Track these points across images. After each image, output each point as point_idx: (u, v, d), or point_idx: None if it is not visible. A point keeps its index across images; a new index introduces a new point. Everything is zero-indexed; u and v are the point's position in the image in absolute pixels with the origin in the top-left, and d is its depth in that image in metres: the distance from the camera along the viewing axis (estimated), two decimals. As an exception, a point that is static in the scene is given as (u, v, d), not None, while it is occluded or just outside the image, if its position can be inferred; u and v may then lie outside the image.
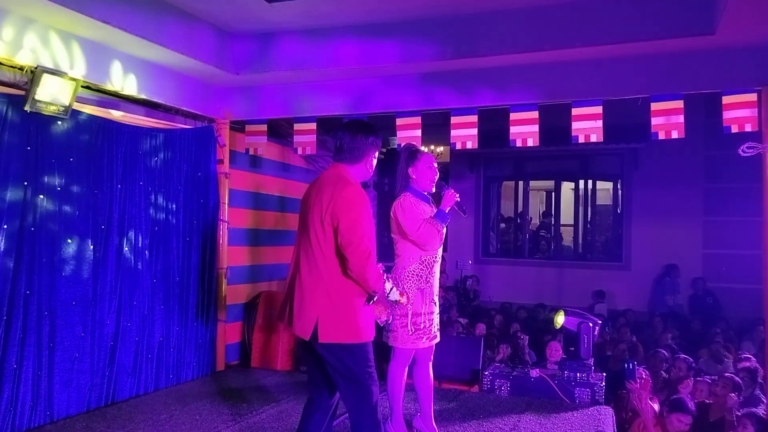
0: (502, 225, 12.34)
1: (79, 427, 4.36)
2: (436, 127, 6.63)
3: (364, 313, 3.12)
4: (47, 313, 4.43)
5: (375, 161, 3.32)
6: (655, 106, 4.94)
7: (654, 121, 4.95)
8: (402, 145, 4.28)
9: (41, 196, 4.39)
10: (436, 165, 3.99)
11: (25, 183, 4.28)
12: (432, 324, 3.92)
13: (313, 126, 6.02)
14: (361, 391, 3.11)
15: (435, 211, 3.94)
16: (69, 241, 4.61)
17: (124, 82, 4.94)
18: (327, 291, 3.06)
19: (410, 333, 3.80)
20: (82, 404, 4.69)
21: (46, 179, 4.43)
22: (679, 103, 4.88)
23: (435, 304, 3.95)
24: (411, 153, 3.98)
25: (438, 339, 4.04)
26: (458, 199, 3.98)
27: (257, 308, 6.80)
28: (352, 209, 3.04)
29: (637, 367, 5.37)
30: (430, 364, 4.10)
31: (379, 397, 3.18)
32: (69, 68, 4.43)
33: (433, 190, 3.99)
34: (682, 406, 4.59)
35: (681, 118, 4.88)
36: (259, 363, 6.59)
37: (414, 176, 3.92)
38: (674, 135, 4.92)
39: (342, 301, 3.06)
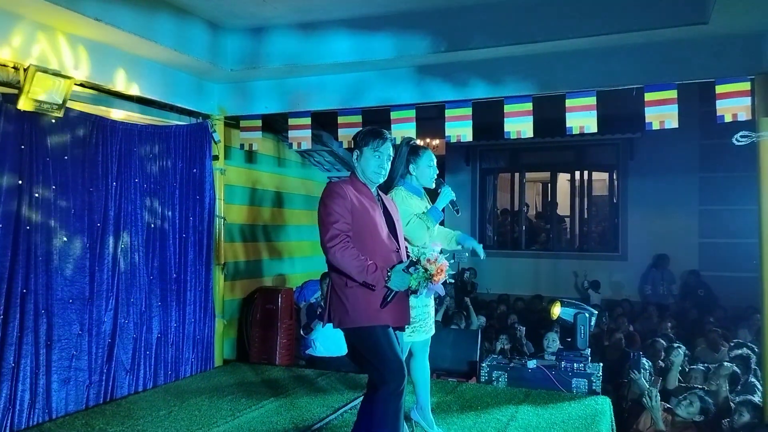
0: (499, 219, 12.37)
1: (78, 424, 4.37)
2: (431, 120, 6.64)
3: (362, 300, 3.22)
4: (44, 312, 4.44)
5: (361, 155, 3.39)
6: (648, 96, 4.95)
7: (648, 111, 4.96)
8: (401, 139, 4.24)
9: (36, 195, 4.38)
10: (435, 162, 4.00)
11: (20, 182, 4.28)
12: (428, 316, 3.93)
13: (307, 121, 6.01)
14: (372, 370, 3.27)
15: (427, 206, 3.95)
16: (65, 239, 4.61)
17: (117, 79, 4.93)
18: (331, 281, 3.36)
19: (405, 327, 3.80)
20: (80, 402, 4.70)
21: (41, 178, 4.42)
22: (673, 93, 4.89)
23: (429, 297, 3.95)
24: (412, 149, 3.98)
25: (433, 331, 4.05)
26: (454, 198, 3.99)
27: (255, 304, 6.82)
28: (320, 206, 3.28)
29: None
30: (427, 356, 4.12)
31: (395, 389, 3.20)
32: (62, 66, 4.42)
33: (433, 186, 4.00)
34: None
35: (675, 108, 4.89)
36: (258, 358, 6.62)
37: (414, 173, 3.94)
38: (669, 125, 4.93)
39: (341, 290, 3.28)
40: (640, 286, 10.39)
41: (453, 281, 3.61)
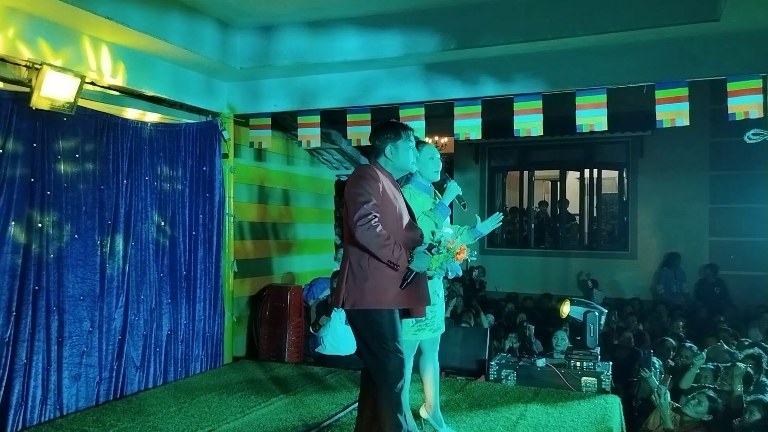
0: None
1: (90, 420, 4.40)
2: (440, 118, 6.63)
3: (381, 282, 3.25)
4: (56, 309, 4.47)
5: (396, 149, 3.46)
6: (659, 93, 4.92)
7: (659, 108, 4.93)
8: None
9: (48, 193, 4.41)
10: (438, 155, 3.98)
11: (32, 180, 4.31)
12: (434, 315, 3.93)
13: (317, 119, 6.02)
14: (373, 358, 3.28)
15: (436, 203, 3.95)
16: (76, 236, 4.63)
17: (127, 77, 4.94)
18: (350, 262, 3.34)
19: (412, 324, 3.81)
20: (91, 398, 4.73)
21: (53, 175, 4.45)
22: (684, 91, 4.86)
23: (437, 295, 3.95)
24: None
25: (443, 329, 4.04)
26: (460, 192, 3.98)
27: (264, 301, 6.84)
28: (351, 185, 3.31)
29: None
30: (436, 354, 4.12)
31: (394, 383, 3.25)
32: (73, 64, 4.44)
33: (438, 178, 3.99)
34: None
35: (686, 106, 4.86)
36: (267, 356, 6.64)
37: (416, 168, 3.91)
38: (679, 122, 4.90)
39: (360, 272, 3.28)
40: (653, 285, 10.33)
41: (475, 259, 3.64)
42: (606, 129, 5.15)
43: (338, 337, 6.12)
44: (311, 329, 6.56)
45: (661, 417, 4.77)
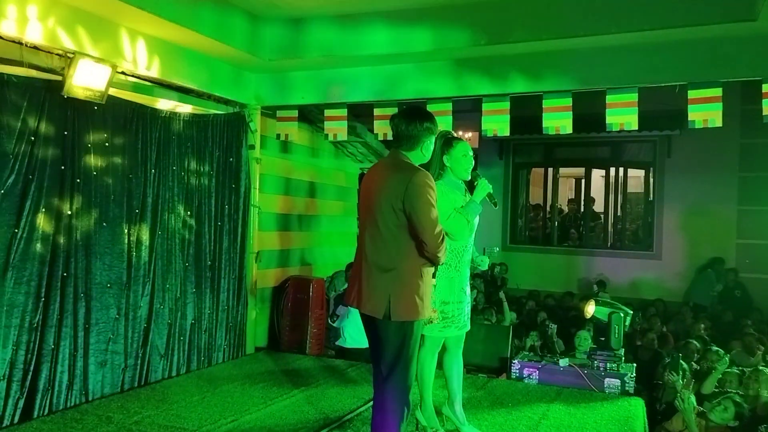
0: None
1: (114, 406, 4.45)
2: (466, 112, 6.59)
3: (427, 292, 3.28)
4: (83, 295, 4.53)
5: (431, 145, 3.41)
6: (692, 93, 4.84)
7: (691, 109, 4.85)
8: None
9: (78, 181, 4.47)
10: (471, 153, 3.93)
11: (62, 167, 4.36)
12: (461, 312, 3.91)
13: (344, 112, 6.01)
14: (405, 368, 3.25)
15: (467, 200, 3.91)
16: (104, 224, 4.69)
17: (157, 67, 4.98)
18: (399, 272, 3.19)
19: (439, 320, 3.80)
20: (116, 384, 4.80)
21: (82, 163, 4.51)
22: (718, 91, 4.78)
23: (465, 293, 3.93)
24: (446, 140, 3.92)
25: (468, 327, 4.02)
26: (491, 190, 3.93)
27: (287, 292, 6.87)
28: (424, 195, 3.15)
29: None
30: (461, 351, 4.10)
31: (411, 384, 3.30)
32: (104, 54, 4.48)
33: (469, 178, 3.95)
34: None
35: (719, 106, 4.78)
36: (289, 347, 6.67)
37: (448, 164, 3.88)
38: (712, 123, 4.82)
39: (413, 282, 3.20)
40: (690, 288, 10.09)
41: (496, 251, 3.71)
42: (636, 128, 5.08)
43: (359, 329, 6.11)
44: (329, 320, 6.58)
45: (684, 421, 4.71)
